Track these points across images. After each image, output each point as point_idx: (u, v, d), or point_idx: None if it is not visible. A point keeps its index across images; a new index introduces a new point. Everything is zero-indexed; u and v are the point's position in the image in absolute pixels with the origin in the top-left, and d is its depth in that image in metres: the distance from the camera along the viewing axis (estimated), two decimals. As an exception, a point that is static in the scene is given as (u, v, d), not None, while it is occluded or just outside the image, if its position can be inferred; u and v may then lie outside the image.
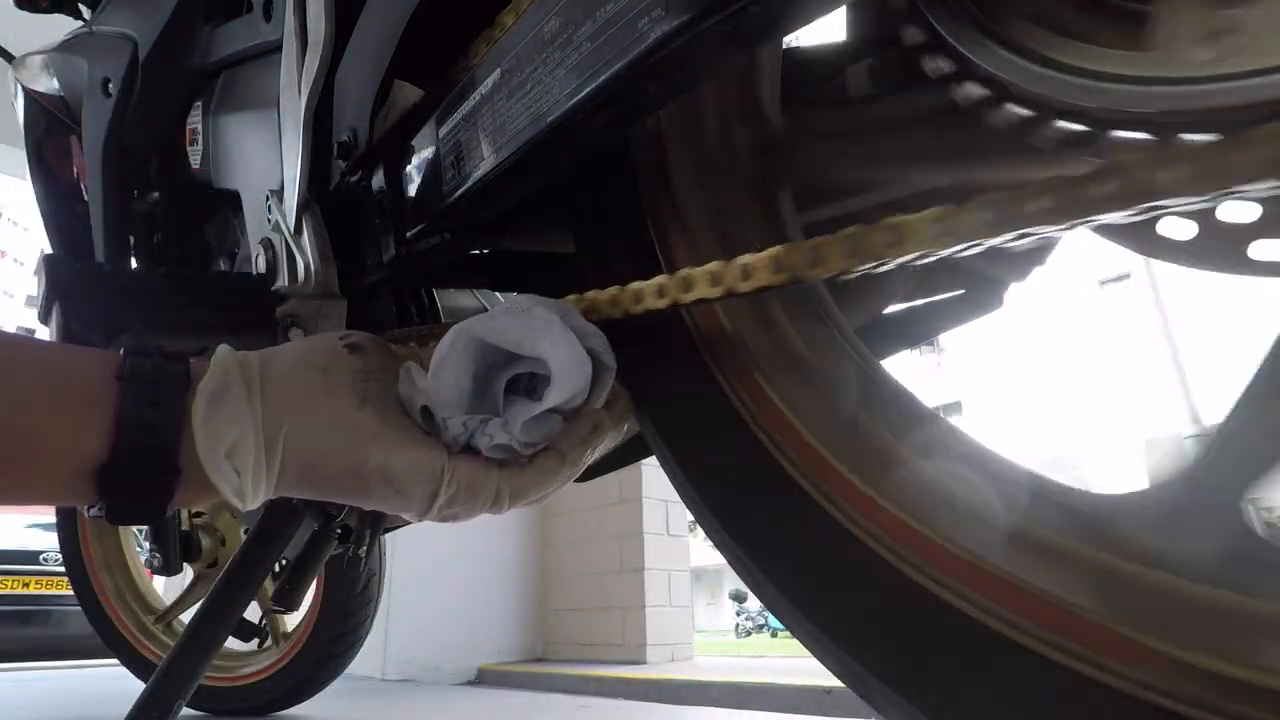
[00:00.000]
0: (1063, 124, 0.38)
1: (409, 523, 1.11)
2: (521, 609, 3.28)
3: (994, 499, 0.37)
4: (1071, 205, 0.28)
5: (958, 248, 0.33)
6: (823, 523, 0.40)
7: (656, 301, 0.43)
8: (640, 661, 2.84)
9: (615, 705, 2.10)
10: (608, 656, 2.98)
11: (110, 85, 0.91)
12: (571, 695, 2.38)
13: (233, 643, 1.66)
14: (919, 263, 0.35)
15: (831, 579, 0.39)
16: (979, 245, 0.32)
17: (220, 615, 0.82)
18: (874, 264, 0.35)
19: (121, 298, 0.60)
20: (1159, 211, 0.27)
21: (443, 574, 3.04)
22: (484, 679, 2.97)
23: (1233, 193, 0.25)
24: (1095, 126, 0.37)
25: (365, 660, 2.58)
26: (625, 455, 0.86)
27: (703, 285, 0.41)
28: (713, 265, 0.41)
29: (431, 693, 2.45)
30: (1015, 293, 0.71)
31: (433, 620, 2.95)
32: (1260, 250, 0.45)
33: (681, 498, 0.48)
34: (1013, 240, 0.31)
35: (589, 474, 0.92)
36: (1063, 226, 0.29)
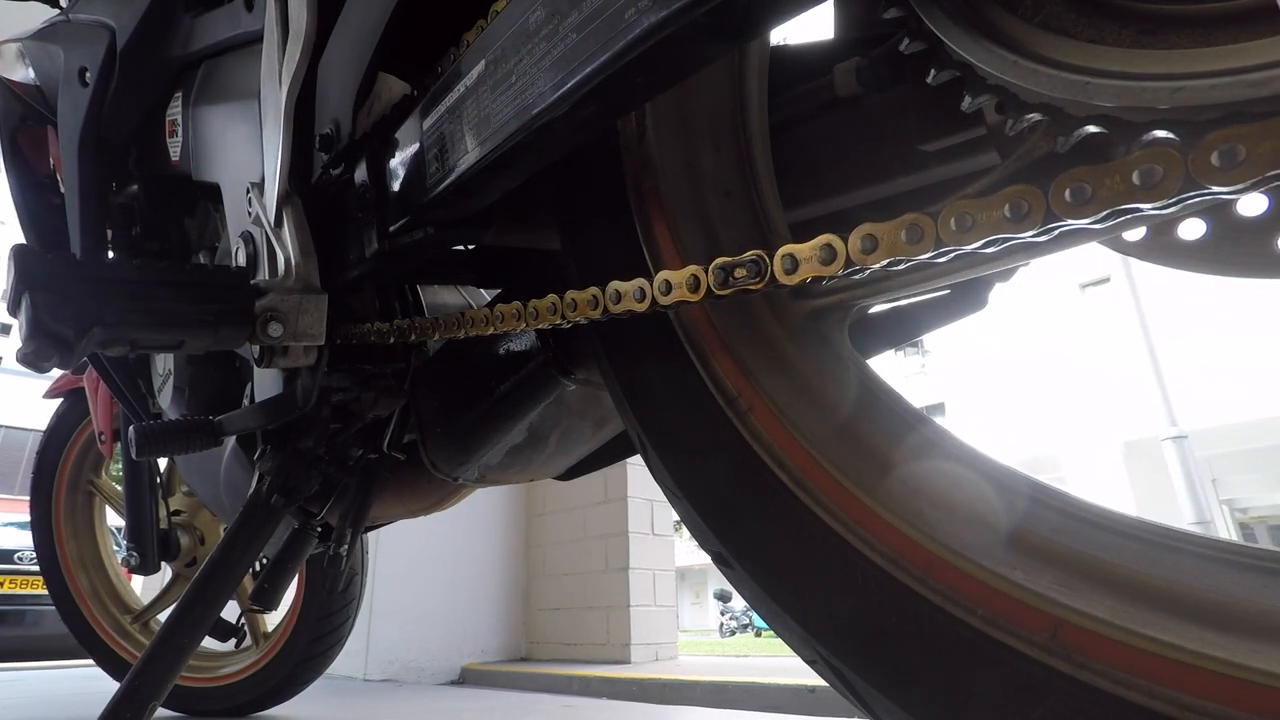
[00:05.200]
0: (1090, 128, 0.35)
1: (391, 521, 1.10)
2: (505, 608, 3.27)
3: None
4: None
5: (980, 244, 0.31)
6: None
7: (638, 305, 0.43)
8: (625, 661, 2.84)
9: (599, 705, 2.09)
10: (592, 656, 2.98)
11: (87, 75, 0.89)
12: (555, 695, 2.37)
13: (211, 643, 1.64)
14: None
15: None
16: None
17: (197, 615, 0.81)
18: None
19: (94, 289, 0.59)
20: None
21: (426, 573, 3.02)
22: (467, 679, 2.95)
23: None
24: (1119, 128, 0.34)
25: (347, 660, 2.56)
26: (610, 454, 0.86)
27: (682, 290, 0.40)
28: (694, 268, 0.40)
29: (414, 693, 2.43)
30: (999, 293, 0.71)
31: (416, 620, 2.93)
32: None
33: (664, 493, 0.48)
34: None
35: (573, 472, 0.92)
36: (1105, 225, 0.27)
